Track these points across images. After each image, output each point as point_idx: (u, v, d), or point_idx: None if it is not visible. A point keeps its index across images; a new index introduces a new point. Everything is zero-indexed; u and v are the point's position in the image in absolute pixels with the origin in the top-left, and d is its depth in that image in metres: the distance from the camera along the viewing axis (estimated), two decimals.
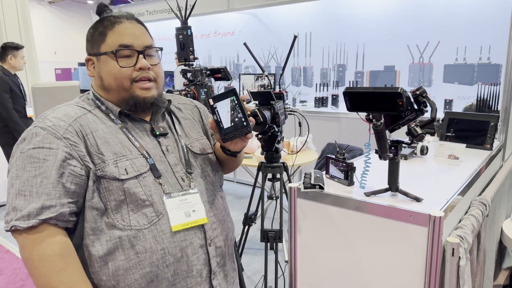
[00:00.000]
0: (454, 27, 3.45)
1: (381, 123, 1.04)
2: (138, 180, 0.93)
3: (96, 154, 0.91)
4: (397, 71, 3.88)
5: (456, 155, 1.64)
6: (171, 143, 1.04)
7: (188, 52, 1.97)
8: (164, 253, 0.93)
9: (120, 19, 0.97)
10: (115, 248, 0.91)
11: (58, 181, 0.87)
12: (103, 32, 0.97)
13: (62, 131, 0.90)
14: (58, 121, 0.91)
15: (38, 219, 0.84)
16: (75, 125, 0.92)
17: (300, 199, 1.27)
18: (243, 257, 2.88)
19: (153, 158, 0.97)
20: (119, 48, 0.95)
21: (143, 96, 0.98)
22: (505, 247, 2.09)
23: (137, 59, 0.96)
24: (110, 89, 0.98)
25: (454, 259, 1.04)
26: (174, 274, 0.95)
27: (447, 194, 1.18)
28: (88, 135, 0.92)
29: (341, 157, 1.30)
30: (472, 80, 3.44)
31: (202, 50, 5.38)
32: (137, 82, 0.97)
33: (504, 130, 2.14)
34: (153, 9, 5.40)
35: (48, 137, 0.88)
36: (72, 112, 0.95)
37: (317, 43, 4.42)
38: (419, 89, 1.07)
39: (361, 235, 1.15)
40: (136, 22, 1.00)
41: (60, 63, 15.11)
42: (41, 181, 0.86)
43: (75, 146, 0.90)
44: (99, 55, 0.97)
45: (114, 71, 0.95)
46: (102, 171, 0.91)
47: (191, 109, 1.18)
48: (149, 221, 0.93)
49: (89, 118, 0.95)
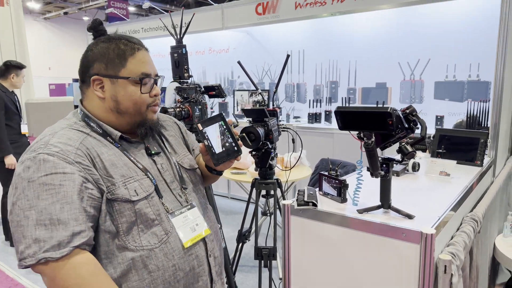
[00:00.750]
0: (443, 45, 3.53)
1: (372, 142, 1.06)
2: (147, 201, 0.95)
3: (106, 177, 0.91)
4: (389, 87, 3.94)
5: (447, 172, 1.66)
6: (164, 161, 1.07)
7: (183, 70, 2.00)
8: (175, 269, 0.96)
9: (138, 45, 1.00)
10: (128, 269, 0.92)
11: (81, 205, 0.85)
12: (122, 56, 0.97)
13: (73, 156, 0.88)
14: (65, 146, 0.89)
15: (71, 246, 0.81)
16: (82, 148, 0.91)
17: (294, 216, 1.27)
18: (237, 275, 2.85)
19: (155, 178, 1.00)
20: (143, 76, 0.98)
21: (154, 119, 1.04)
22: (498, 263, 2.10)
23: (152, 87, 1.02)
24: (126, 113, 0.99)
25: (447, 276, 1.05)
26: (184, 287, 0.99)
27: (439, 211, 1.19)
28: (95, 158, 0.92)
29: (334, 173, 1.31)
30: (462, 97, 3.50)
31: (197, 66, 5.43)
32: (151, 107, 1.03)
33: (494, 146, 2.17)
34: (148, 26, 5.46)
35: (60, 162, 0.85)
36: (74, 136, 0.93)
37: (310, 60, 4.48)
38: (409, 108, 1.09)
39: (354, 252, 1.15)
40: (147, 50, 1.04)
41: (55, 79, 15.13)
42: (61, 207, 0.82)
43: (88, 170, 0.89)
44: (117, 78, 0.96)
45: (135, 97, 0.98)
46: (113, 194, 0.91)
47: (172, 125, 1.22)
48: (159, 240, 0.96)
49: (91, 141, 0.94)
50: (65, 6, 14.92)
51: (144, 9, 13.29)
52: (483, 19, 3.27)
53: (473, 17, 3.35)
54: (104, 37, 1.01)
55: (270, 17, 4.18)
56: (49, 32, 16.60)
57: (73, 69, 5.62)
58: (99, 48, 0.97)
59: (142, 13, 14.91)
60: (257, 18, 4.29)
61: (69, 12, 15.23)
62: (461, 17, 3.42)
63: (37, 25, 16.12)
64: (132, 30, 5.67)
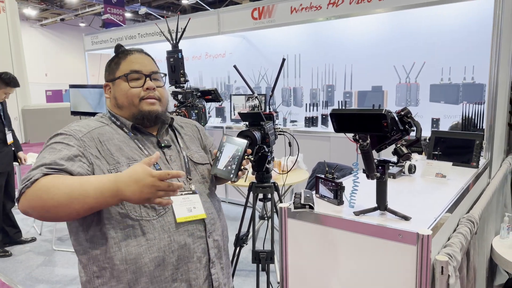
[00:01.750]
0: (438, 48, 3.56)
1: (367, 143, 1.06)
2: None
3: (111, 156, 1.08)
4: (385, 91, 3.96)
5: (443, 173, 1.67)
6: (174, 154, 1.21)
7: (179, 75, 2.00)
8: (170, 240, 1.08)
9: (132, 51, 1.20)
10: (128, 235, 1.05)
11: (68, 160, 1.00)
12: (118, 62, 1.19)
13: (81, 135, 1.08)
14: (80, 128, 1.10)
15: (41, 173, 0.95)
16: (93, 133, 1.10)
17: (291, 219, 1.27)
18: (235, 279, 2.84)
19: (159, 165, 1.13)
20: (130, 72, 1.16)
21: (149, 109, 1.16)
22: (496, 265, 2.10)
23: (145, 81, 1.16)
24: (123, 106, 1.17)
25: (444, 277, 1.05)
26: (178, 259, 1.10)
27: (435, 212, 1.20)
28: (104, 142, 1.09)
29: (331, 176, 1.31)
30: (458, 99, 3.52)
31: (193, 71, 5.44)
32: (144, 99, 1.16)
33: (489, 148, 2.19)
34: (145, 32, 5.48)
35: (69, 137, 1.06)
36: (93, 123, 1.14)
37: (306, 64, 4.50)
38: (404, 110, 1.10)
39: (351, 254, 1.15)
40: (145, 54, 1.22)
41: (51, 85, 15.11)
42: (49, 162, 0.98)
43: (88, 148, 1.06)
44: (114, 79, 1.18)
45: (126, 91, 1.15)
46: (117, 170, 1.06)
47: (191, 127, 1.37)
48: (157, 213, 1.09)
49: (107, 129, 1.14)
50: (61, 13, 14.94)
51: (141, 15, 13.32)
52: (477, 22, 3.30)
53: (467, 20, 3.38)
54: None
55: (266, 21, 4.20)
56: (46, 39, 16.62)
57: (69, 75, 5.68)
58: (107, 62, 1.22)
59: (138, 19, 14.94)
60: (253, 23, 4.31)
61: (66, 19, 15.26)
62: (455, 21, 3.45)
63: (33, 31, 16.13)
64: (128, 36, 5.68)
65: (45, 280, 2.98)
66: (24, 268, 3.18)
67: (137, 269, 1.05)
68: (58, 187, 0.92)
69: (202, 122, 2.29)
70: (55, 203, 0.92)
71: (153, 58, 1.25)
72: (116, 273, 1.04)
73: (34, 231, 3.98)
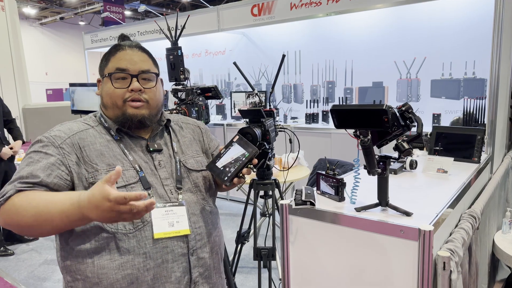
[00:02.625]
0: (439, 43, 3.54)
1: (368, 139, 1.06)
2: (126, 189, 1.02)
3: (90, 164, 1.02)
4: (385, 87, 3.94)
5: (444, 169, 1.66)
6: (164, 158, 1.13)
7: (179, 72, 2.00)
8: (146, 257, 1.01)
9: (123, 46, 1.10)
10: (102, 248, 0.99)
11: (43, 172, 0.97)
12: (107, 58, 1.10)
13: (60, 142, 1.02)
14: (60, 133, 1.05)
15: (16, 189, 0.94)
16: (74, 138, 1.04)
17: (292, 216, 1.27)
18: (237, 276, 2.85)
19: (144, 171, 1.06)
20: (115, 71, 1.07)
21: (133, 113, 1.07)
22: (498, 260, 2.10)
23: (131, 82, 1.07)
24: (107, 107, 1.10)
25: (446, 273, 1.05)
26: (154, 278, 1.02)
27: (437, 208, 1.19)
28: (84, 147, 1.04)
29: (332, 173, 1.31)
30: (459, 95, 3.51)
31: (193, 69, 5.43)
32: (128, 101, 1.07)
33: (491, 143, 2.18)
34: (144, 29, 5.46)
35: (47, 145, 1.02)
36: (75, 127, 1.08)
37: (306, 61, 4.49)
38: (405, 105, 1.09)
39: (353, 250, 1.15)
40: (137, 50, 1.11)
41: (52, 84, 15.11)
42: (26, 174, 0.96)
43: (67, 155, 1.01)
44: (103, 77, 1.10)
45: (110, 91, 1.07)
46: (95, 179, 1.00)
47: (193, 128, 1.27)
48: (135, 227, 1.01)
49: (90, 133, 1.07)
50: (61, 11, 14.91)
51: (140, 13, 13.30)
52: (477, 16, 3.28)
53: (468, 14, 3.37)
54: None
55: (266, 18, 4.19)
56: (46, 38, 16.59)
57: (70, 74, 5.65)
58: (103, 55, 1.13)
59: (138, 17, 14.91)
60: (252, 20, 4.29)
61: (65, 17, 15.23)
62: (456, 15, 3.43)
63: (33, 30, 16.10)
64: (128, 34, 5.60)
65: (48, 278, 2.99)
66: (26, 266, 3.19)
67: (109, 285, 0.99)
68: (26, 208, 0.90)
69: (202, 119, 2.28)
70: (25, 224, 0.91)
71: (151, 54, 1.16)
72: (89, 285, 0.99)
73: None
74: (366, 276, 1.13)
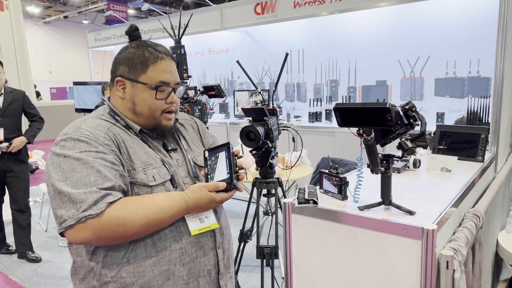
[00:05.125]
0: (443, 42, 3.52)
1: (372, 138, 1.05)
2: (164, 187, 1.03)
3: (127, 162, 1.00)
4: (389, 85, 3.93)
5: (448, 168, 1.66)
6: (180, 157, 1.14)
7: (182, 71, 2.00)
8: (182, 253, 1.02)
9: (162, 54, 1.06)
10: (137, 245, 0.98)
11: (113, 176, 0.93)
12: (145, 63, 1.04)
13: (102, 139, 0.97)
14: (95, 130, 0.98)
15: (106, 202, 0.89)
16: (109, 134, 1.00)
17: (295, 215, 1.27)
18: (240, 274, 2.85)
19: (171, 170, 1.07)
20: (160, 84, 1.04)
21: (168, 125, 1.10)
22: (502, 259, 2.09)
23: (169, 94, 1.07)
24: (141, 115, 1.07)
25: (449, 272, 1.05)
26: (189, 273, 1.04)
27: (440, 207, 1.19)
28: (121, 144, 1.01)
29: (335, 171, 1.31)
30: (463, 93, 3.49)
31: (196, 68, 5.43)
32: (165, 113, 1.08)
33: (495, 142, 2.17)
34: (147, 28, 5.47)
35: (92, 143, 0.95)
36: (102, 123, 1.03)
37: (309, 59, 4.48)
38: (408, 104, 1.09)
39: (356, 249, 1.15)
40: (172, 60, 1.09)
41: (56, 82, 15.17)
42: (95, 179, 0.90)
43: (117, 152, 0.98)
44: (137, 82, 1.04)
45: (150, 102, 1.05)
46: (133, 178, 0.99)
47: (191, 124, 1.28)
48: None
49: (117, 130, 1.04)
50: (64, 10, 14.97)
51: (144, 11, 13.31)
52: (482, 15, 3.26)
53: (472, 13, 3.34)
54: (135, 42, 1.08)
55: (269, 16, 4.18)
56: (49, 36, 16.66)
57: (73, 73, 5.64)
58: (128, 53, 1.05)
59: (141, 15, 14.94)
60: (256, 18, 4.29)
61: (69, 16, 15.28)
62: (460, 14, 3.41)
63: (37, 29, 16.17)
64: None
65: (51, 276, 3.01)
66: (30, 264, 3.21)
67: (146, 283, 0.97)
68: (134, 219, 0.91)
69: (205, 118, 2.29)
70: (131, 233, 0.92)
71: None
72: (122, 286, 0.96)
73: (40, 227, 4.01)
74: (369, 274, 1.13)
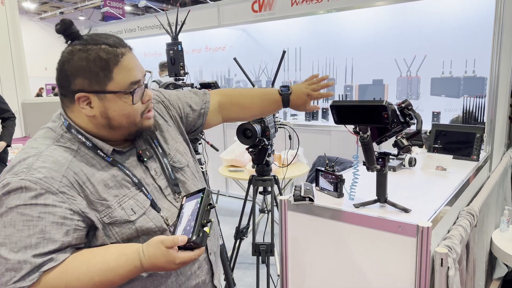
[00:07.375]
0: (439, 41, 3.54)
1: (368, 135, 1.06)
2: (146, 216, 0.91)
3: (99, 201, 0.85)
4: (386, 84, 3.94)
5: (443, 167, 1.67)
6: (157, 165, 1.00)
7: (179, 67, 1.99)
8: (177, 275, 0.96)
9: (120, 49, 0.86)
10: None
11: (60, 239, 0.79)
12: (106, 68, 0.84)
13: (57, 185, 0.80)
14: (49, 172, 0.80)
15: (40, 271, 0.76)
16: (68, 175, 0.82)
17: (291, 212, 1.27)
18: (235, 271, 2.85)
19: (149, 191, 0.94)
20: (133, 87, 0.87)
21: (148, 125, 0.95)
22: (495, 258, 2.11)
23: (143, 92, 0.91)
24: (120, 127, 0.90)
25: (443, 269, 1.06)
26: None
27: (435, 205, 1.20)
28: (85, 183, 0.84)
29: (331, 169, 1.31)
30: (459, 93, 3.51)
31: (193, 65, 5.41)
32: (146, 114, 0.94)
33: (490, 141, 2.18)
34: (144, 25, 5.44)
35: (41, 192, 0.78)
36: (61, 157, 0.84)
37: (306, 58, 4.48)
38: (405, 102, 1.10)
39: (351, 246, 1.15)
40: (129, 48, 0.90)
41: (51, 79, 15.03)
42: (37, 242, 0.77)
43: (73, 200, 0.81)
44: (105, 93, 0.85)
45: (128, 110, 0.88)
46: (110, 217, 0.85)
47: (160, 109, 1.08)
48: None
49: (80, 161, 0.86)
50: (61, 6, 14.86)
51: (140, 8, 13.24)
52: (478, 14, 3.27)
53: (468, 13, 3.36)
54: (79, 44, 0.86)
55: (266, 14, 4.18)
56: (45, 32, 16.51)
57: None
58: (78, 60, 0.84)
59: (138, 12, 14.86)
60: (253, 16, 4.28)
61: (65, 12, 15.16)
62: (456, 14, 3.43)
63: (33, 25, 16.02)
64: (128, 29, 5.65)
65: None
66: None
67: None
68: (75, 285, 0.79)
69: None
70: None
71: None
72: None
73: None
74: (364, 271, 1.14)
